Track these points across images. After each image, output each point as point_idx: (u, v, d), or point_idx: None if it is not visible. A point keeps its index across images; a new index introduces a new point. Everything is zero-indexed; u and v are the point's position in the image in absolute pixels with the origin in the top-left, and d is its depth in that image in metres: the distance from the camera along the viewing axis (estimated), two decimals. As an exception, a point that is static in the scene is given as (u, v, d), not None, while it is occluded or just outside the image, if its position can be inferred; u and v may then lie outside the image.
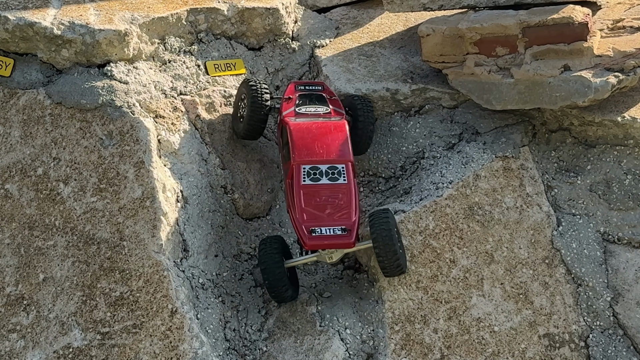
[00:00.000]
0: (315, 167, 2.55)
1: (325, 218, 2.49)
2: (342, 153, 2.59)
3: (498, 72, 2.81)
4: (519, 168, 2.79)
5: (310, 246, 2.47)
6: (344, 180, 2.54)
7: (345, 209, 2.51)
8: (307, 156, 2.55)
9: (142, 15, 2.81)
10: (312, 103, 2.75)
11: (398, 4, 3.10)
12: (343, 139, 2.62)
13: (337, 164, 2.56)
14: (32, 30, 2.67)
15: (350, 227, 2.48)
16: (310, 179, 2.53)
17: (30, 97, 2.69)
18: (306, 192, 2.52)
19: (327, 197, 2.52)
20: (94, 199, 2.54)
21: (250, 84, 2.75)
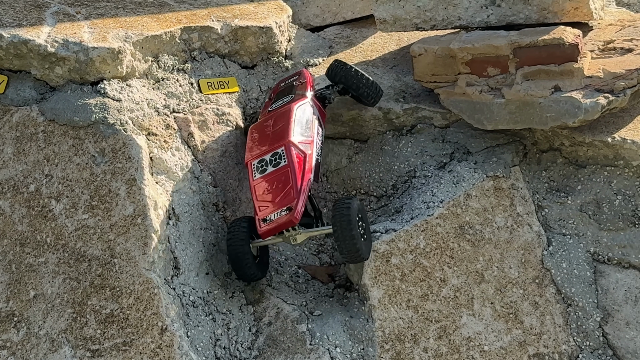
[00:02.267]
0: (261, 159, 2.61)
1: (275, 203, 2.54)
2: (280, 137, 2.63)
3: (489, 92, 2.82)
4: (509, 188, 2.81)
5: (263, 235, 2.54)
6: (284, 162, 2.58)
7: (288, 188, 2.55)
8: (252, 153, 2.64)
9: (135, 33, 2.82)
10: (283, 96, 2.80)
11: (391, 23, 3.12)
12: (285, 124, 2.64)
13: (278, 149, 2.60)
14: (26, 48, 2.69)
15: (293, 205, 2.50)
16: (259, 172, 2.60)
17: (23, 114, 2.70)
18: (257, 186, 2.59)
19: (274, 183, 2.57)
20: (86, 216, 2.55)
21: None
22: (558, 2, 2.92)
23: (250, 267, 2.59)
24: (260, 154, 2.63)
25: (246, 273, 2.61)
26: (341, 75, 2.89)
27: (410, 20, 3.10)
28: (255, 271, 2.61)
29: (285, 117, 2.69)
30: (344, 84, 2.90)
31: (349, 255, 2.55)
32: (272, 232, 2.54)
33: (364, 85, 2.88)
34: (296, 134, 2.64)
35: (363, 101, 2.94)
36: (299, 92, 2.81)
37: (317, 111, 2.79)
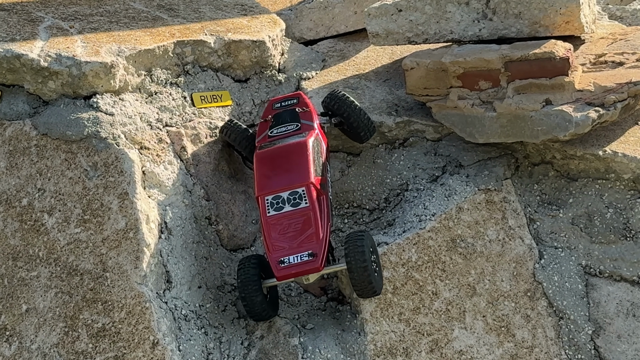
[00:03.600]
0: (277, 196, 2.54)
1: (293, 246, 2.49)
2: (301, 176, 2.55)
3: (481, 105, 2.83)
4: (501, 201, 2.81)
5: (280, 278, 2.49)
6: (306, 204, 2.54)
7: (310, 232, 2.51)
8: (267, 186, 2.55)
9: (128, 47, 2.83)
10: (284, 122, 2.74)
11: (383, 37, 3.13)
12: (303, 160, 2.58)
13: (298, 189, 2.55)
14: (19, 62, 2.70)
15: (316, 251, 2.48)
16: (274, 209, 2.54)
17: (16, 128, 2.71)
18: (272, 224, 2.52)
19: (292, 223, 2.52)
20: (78, 230, 2.56)
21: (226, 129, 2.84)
22: (549, 16, 2.94)
23: (264, 308, 2.56)
24: (275, 190, 2.55)
25: (259, 314, 2.57)
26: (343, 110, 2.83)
27: (402, 34, 3.11)
28: (268, 311, 2.58)
29: (301, 152, 2.60)
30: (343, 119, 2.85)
31: (364, 291, 2.54)
32: (292, 277, 2.50)
33: (362, 123, 2.84)
34: (314, 173, 2.58)
35: (354, 137, 2.89)
36: (305, 122, 2.74)
37: (324, 143, 2.74)
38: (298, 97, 2.83)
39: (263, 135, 2.75)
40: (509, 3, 2.98)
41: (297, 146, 2.61)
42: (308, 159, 2.59)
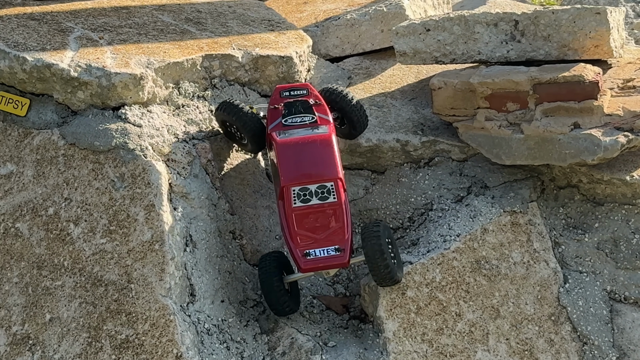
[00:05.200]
0: (304, 187, 2.53)
1: (319, 239, 2.50)
2: (330, 170, 2.55)
3: (508, 127, 2.83)
4: (526, 223, 2.80)
5: (305, 270, 2.50)
6: (334, 199, 2.53)
7: (337, 227, 2.52)
8: (295, 178, 2.53)
9: (157, 59, 2.84)
10: (298, 112, 2.70)
11: (410, 56, 3.13)
12: (330, 154, 2.57)
13: (326, 183, 2.54)
14: (49, 72, 2.70)
15: (343, 246, 2.50)
16: (301, 201, 2.53)
17: (44, 137, 2.72)
18: (298, 215, 2.52)
19: (319, 217, 2.52)
20: (104, 241, 2.56)
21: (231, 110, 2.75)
22: (578, 39, 2.93)
23: (286, 302, 2.58)
24: (303, 182, 2.53)
25: (282, 308, 2.59)
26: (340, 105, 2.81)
27: (430, 53, 3.11)
28: (290, 305, 2.60)
29: (327, 146, 2.59)
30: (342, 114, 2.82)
31: (383, 280, 2.56)
32: (318, 269, 2.51)
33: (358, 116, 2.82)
34: (340, 168, 2.59)
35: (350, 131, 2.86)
36: (322, 115, 2.71)
37: None
38: (307, 88, 2.79)
39: (276, 122, 2.69)
40: (537, 25, 2.98)
41: (324, 139, 2.59)
42: (334, 153, 2.58)
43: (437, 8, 3.70)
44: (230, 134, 2.84)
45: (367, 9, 3.55)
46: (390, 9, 3.45)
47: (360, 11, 3.53)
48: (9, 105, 2.79)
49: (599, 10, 2.90)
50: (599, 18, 2.90)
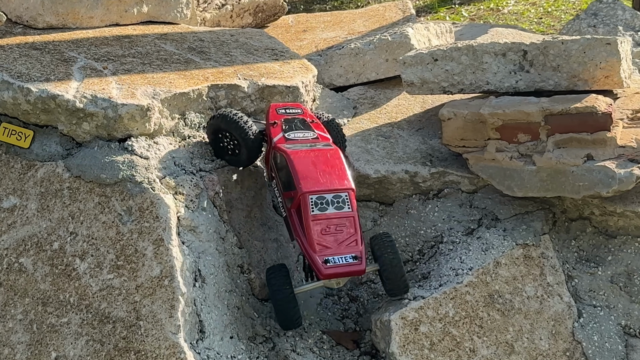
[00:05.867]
0: (321, 196, 2.56)
1: (336, 247, 2.53)
2: (344, 181, 2.60)
3: (519, 158, 2.79)
4: (539, 256, 2.76)
5: (326, 276, 2.50)
6: (348, 209, 2.57)
7: (352, 237, 2.55)
8: (312, 186, 2.56)
9: (163, 90, 2.79)
10: (298, 128, 2.75)
11: (418, 86, 3.10)
12: (341, 167, 2.63)
13: (341, 193, 2.58)
14: (54, 103, 2.65)
15: (359, 255, 2.52)
16: (318, 209, 2.55)
17: (48, 170, 2.66)
18: (316, 223, 2.54)
19: (335, 226, 2.55)
20: (111, 276, 2.49)
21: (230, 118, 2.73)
22: (589, 70, 2.91)
23: (298, 313, 2.57)
24: (319, 191, 2.56)
25: (294, 319, 2.58)
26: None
27: (438, 83, 3.08)
28: (300, 315, 2.59)
29: (337, 158, 2.64)
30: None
31: (399, 290, 2.61)
32: (337, 276, 2.53)
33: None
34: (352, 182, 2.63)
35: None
36: (321, 132, 2.76)
37: None
38: (300, 107, 2.84)
39: (279, 136, 2.72)
40: (547, 56, 2.95)
41: (333, 152, 2.66)
42: (344, 166, 2.65)
43: (440, 37, 3.67)
44: (219, 146, 2.80)
45: (370, 38, 3.51)
46: (395, 38, 3.42)
47: (364, 40, 3.49)
48: (12, 137, 2.73)
49: (609, 41, 2.88)
50: (609, 49, 2.88)
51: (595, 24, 4.60)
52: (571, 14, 6.64)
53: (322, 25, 4.38)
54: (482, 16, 6.80)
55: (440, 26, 3.68)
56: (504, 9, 6.92)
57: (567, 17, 6.54)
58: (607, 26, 4.58)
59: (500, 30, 3.99)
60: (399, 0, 4.67)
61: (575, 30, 4.62)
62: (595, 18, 4.66)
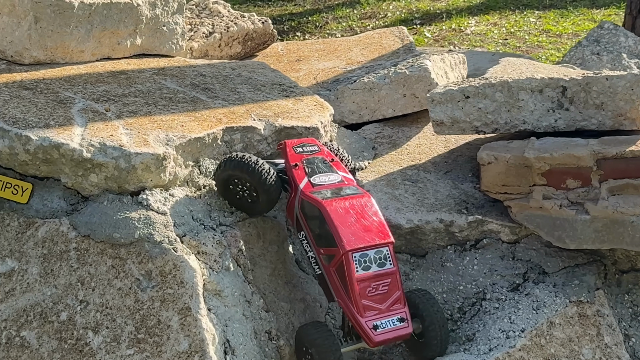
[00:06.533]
0: (364, 254, 2.34)
1: (382, 309, 2.35)
2: (383, 234, 2.40)
3: (570, 207, 2.55)
4: (594, 315, 2.52)
5: (376, 344, 2.31)
6: (390, 265, 2.38)
7: (397, 296, 2.37)
8: (355, 243, 2.33)
9: (177, 135, 2.49)
10: (321, 171, 2.51)
11: (448, 126, 2.85)
12: (378, 217, 2.43)
13: (382, 248, 2.37)
14: (57, 153, 2.33)
15: (405, 316, 2.36)
16: (362, 268, 2.33)
17: (51, 228, 2.34)
18: (361, 284, 2.33)
19: (379, 284, 2.36)
20: (131, 352, 2.18)
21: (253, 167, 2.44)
22: (637, 108, 2.68)
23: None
24: (360, 248, 2.33)
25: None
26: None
27: (470, 122, 2.83)
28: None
29: (372, 208, 2.43)
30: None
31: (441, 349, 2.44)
32: (387, 342, 2.33)
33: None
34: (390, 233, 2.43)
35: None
36: (343, 173, 2.54)
37: None
38: (316, 144, 2.61)
39: (304, 182, 2.47)
40: (589, 92, 2.72)
41: (366, 201, 2.45)
42: (380, 216, 2.44)
43: (454, 69, 3.43)
44: (232, 194, 2.50)
45: (385, 71, 3.25)
46: (413, 71, 3.16)
47: (379, 74, 3.23)
48: (7, 191, 2.41)
49: (660, 77, 2.66)
50: (660, 85, 2.66)
51: (599, 52, 4.41)
52: (535, 34, 6.49)
53: (316, 54, 4.11)
54: (446, 37, 6.62)
55: (454, 57, 3.44)
56: (467, 29, 6.76)
57: (532, 37, 6.39)
58: (610, 53, 4.39)
59: (513, 61, 3.75)
60: (394, 28, 4.42)
61: (579, 57, 4.42)
62: (598, 45, 4.48)
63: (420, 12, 7.39)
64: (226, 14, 4.14)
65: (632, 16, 5.45)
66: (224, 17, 4.10)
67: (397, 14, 7.35)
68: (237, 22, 4.03)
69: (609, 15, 6.89)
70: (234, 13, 4.16)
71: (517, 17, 7.02)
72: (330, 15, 7.44)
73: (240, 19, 4.09)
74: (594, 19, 6.80)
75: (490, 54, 4.23)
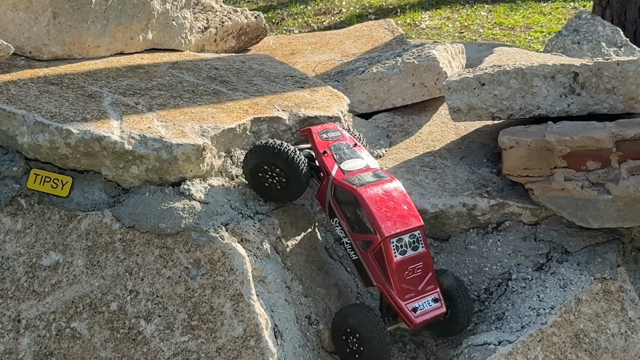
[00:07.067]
0: (400, 239, 2.42)
1: (418, 291, 2.44)
2: (416, 218, 2.48)
3: (591, 187, 2.65)
4: (618, 290, 2.61)
5: (417, 325, 2.40)
6: (422, 248, 2.46)
7: (430, 277, 2.46)
8: (392, 229, 2.40)
9: (210, 126, 2.53)
10: (348, 157, 2.56)
11: (465, 112, 2.92)
12: (408, 202, 2.50)
13: (415, 231, 2.45)
14: (99, 145, 2.36)
15: (438, 296, 2.46)
16: (399, 253, 2.41)
17: (94, 220, 2.36)
18: (400, 268, 2.40)
19: (414, 267, 2.44)
20: (185, 339, 2.22)
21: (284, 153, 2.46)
22: (647, 91, 2.79)
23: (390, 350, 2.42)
24: (397, 233, 2.40)
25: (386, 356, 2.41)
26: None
27: (486, 109, 2.91)
28: None
29: (401, 194, 2.50)
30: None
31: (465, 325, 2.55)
32: (425, 324, 2.43)
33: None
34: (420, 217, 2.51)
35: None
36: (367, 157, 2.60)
37: None
38: (337, 129, 2.65)
39: (336, 169, 2.51)
40: (600, 77, 2.82)
41: (398, 188, 2.52)
42: (410, 200, 2.52)
43: (455, 59, 3.51)
44: (260, 181, 2.50)
45: (392, 61, 3.32)
46: (421, 61, 3.24)
47: (387, 64, 3.30)
48: (46, 185, 2.42)
49: (670, 61, 2.77)
50: (670, 69, 2.77)
51: (579, 41, 4.53)
52: (488, 27, 6.61)
53: (310, 48, 4.16)
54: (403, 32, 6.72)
55: (455, 47, 3.52)
56: (421, 24, 6.86)
57: (486, 31, 6.51)
58: (590, 42, 4.51)
59: (506, 50, 3.84)
60: (382, 20, 4.49)
61: (560, 47, 4.53)
62: (578, 34, 4.59)
63: (373, 7, 7.46)
64: (219, 9, 4.17)
65: (601, 7, 5.59)
66: (217, 12, 4.13)
67: (352, 10, 7.41)
68: (231, 17, 4.06)
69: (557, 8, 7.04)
70: (227, 8, 4.19)
71: (468, 11, 7.12)
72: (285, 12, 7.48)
73: (234, 13, 4.12)
74: (543, 12, 6.94)
75: (477, 45, 4.32)
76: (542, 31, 6.30)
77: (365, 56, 3.88)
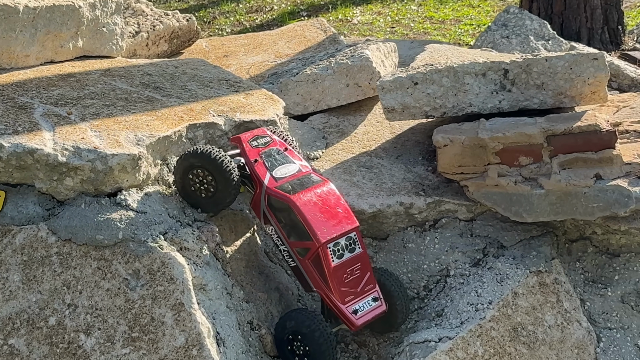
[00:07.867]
0: (336, 243, 2.44)
1: (357, 292, 2.46)
2: (349, 219, 2.49)
3: (524, 182, 2.69)
4: (553, 282, 2.67)
5: (358, 327, 2.43)
6: (359, 249, 2.49)
7: (368, 277, 2.49)
8: (327, 234, 2.42)
9: (145, 135, 2.52)
10: (280, 163, 2.55)
11: (399, 112, 2.95)
12: (342, 204, 2.52)
13: (350, 233, 2.47)
14: (31, 158, 2.33)
15: (377, 295, 2.49)
16: (337, 257, 2.43)
17: (29, 234, 2.33)
18: (338, 272, 2.43)
19: (352, 269, 2.46)
20: (126, 351, 2.21)
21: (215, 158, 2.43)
22: (576, 86, 2.84)
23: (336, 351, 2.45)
24: (333, 238, 2.41)
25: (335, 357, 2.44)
26: None
27: (419, 108, 2.94)
28: None
29: (333, 195, 2.51)
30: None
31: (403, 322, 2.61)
32: (366, 324, 2.46)
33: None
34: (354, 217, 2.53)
35: None
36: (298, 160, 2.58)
37: None
38: (266, 134, 2.63)
39: (268, 177, 2.49)
40: (529, 74, 2.87)
41: (331, 191, 2.53)
42: (343, 202, 2.53)
43: (388, 57, 3.53)
44: (188, 187, 2.47)
45: (326, 62, 3.33)
46: (354, 62, 3.25)
47: (320, 65, 3.31)
48: (-21, 200, 2.39)
49: (596, 56, 2.83)
50: (597, 64, 2.83)
51: (508, 35, 4.60)
52: (419, 21, 6.67)
53: (243, 49, 4.16)
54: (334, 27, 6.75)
55: (387, 46, 3.54)
56: (353, 19, 6.89)
57: (417, 25, 6.56)
58: (518, 36, 4.59)
59: (437, 47, 3.89)
60: (314, 19, 4.50)
61: (490, 41, 4.60)
62: (506, 29, 4.66)
63: (305, 4, 7.47)
64: (150, 12, 4.14)
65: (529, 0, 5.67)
66: (148, 16, 4.10)
67: (283, 7, 7.41)
68: (163, 21, 4.04)
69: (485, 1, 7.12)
70: (157, 11, 4.16)
71: (398, 5, 7.17)
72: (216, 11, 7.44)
73: (165, 17, 4.09)
74: (472, 5, 7.02)
75: (409, 42, 4.35)
76: (471, 24, 6.37)
77: (299, 57, 3.89)
